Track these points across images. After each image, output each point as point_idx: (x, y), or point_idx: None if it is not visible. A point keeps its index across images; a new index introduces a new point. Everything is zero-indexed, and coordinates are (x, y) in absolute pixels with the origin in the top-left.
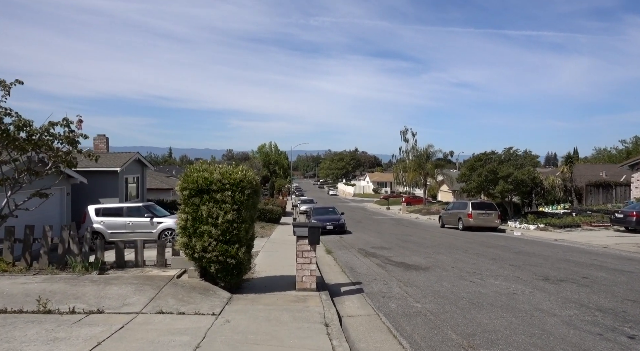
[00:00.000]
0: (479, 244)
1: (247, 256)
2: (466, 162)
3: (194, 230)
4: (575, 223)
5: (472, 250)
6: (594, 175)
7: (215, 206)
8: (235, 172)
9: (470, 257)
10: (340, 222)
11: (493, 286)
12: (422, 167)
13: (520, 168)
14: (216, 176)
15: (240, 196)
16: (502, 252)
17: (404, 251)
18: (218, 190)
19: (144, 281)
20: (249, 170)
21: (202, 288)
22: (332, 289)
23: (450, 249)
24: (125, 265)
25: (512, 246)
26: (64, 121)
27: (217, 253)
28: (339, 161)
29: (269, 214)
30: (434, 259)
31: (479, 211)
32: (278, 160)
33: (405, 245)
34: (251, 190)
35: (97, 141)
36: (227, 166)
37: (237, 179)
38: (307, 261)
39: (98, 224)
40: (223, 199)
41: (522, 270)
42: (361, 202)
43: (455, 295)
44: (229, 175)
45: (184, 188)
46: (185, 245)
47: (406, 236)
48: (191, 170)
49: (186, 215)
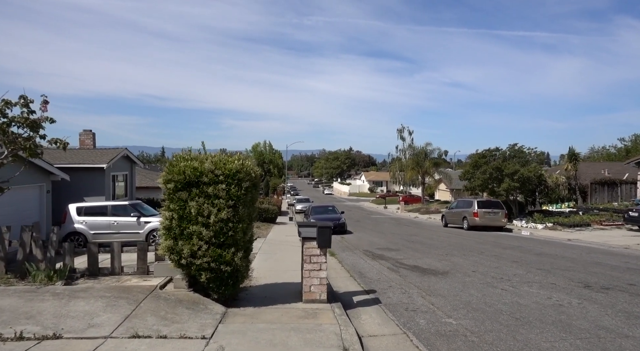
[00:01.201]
0: (491, 245)
1: (245, 262)
2: (471, 157)
3: (181, 231)
4: (584, 222)
5: (487, 251)
6: (596, 173)
7: (206, 202)
8: (231, 161)
9: (489, 259)
10: (341, 221)
11: (531, 296)
12: (420, 165)
13: (525, 165)
14: (208, 166)
15: (236, 190)
16: (520, 253)
17: (413, 253)
18: (210, 183)
19: (119, 294)
20: (248, 159)
21: (190, 302)
22: (343, 300)
23: (463, 251)
24: (99, 273)
25: (527, 246)
26: (22, 99)
27: (209, 258)
28: (334, 160)
29: (265, 213)
30: (450, 263)
31: (485, 210)
32: (272, 159)
33: (413, 246)
34: (250, 183)
35: (82, 136)
36: (221, 155)
37: (233, 169)
38: (315, 268)
39: (80, 225)
40: (216, 193)
41: (554, 275)
42: (357, 201)
43: (491, 308)
44: (223, 165)
45: (168, 180)
46: (170, 249)
47: (411, 236)
48: (177, 159)
49: (171, 213)
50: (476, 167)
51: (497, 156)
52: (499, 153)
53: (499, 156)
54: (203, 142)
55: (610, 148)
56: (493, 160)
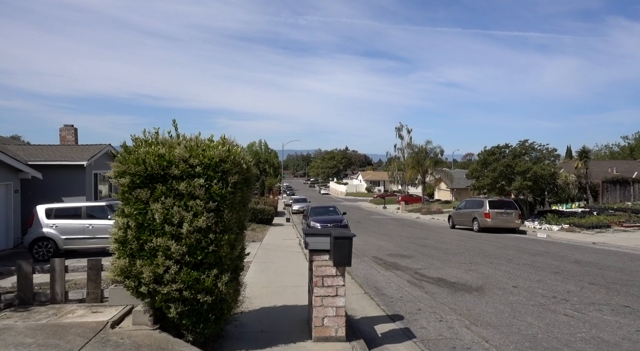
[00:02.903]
0: (515, 250)
1: (234, 287)
2: (480, 155)
3: (140, 246)
4: (603, 223)
5: (515, 259)
6: (603, 172)
7: (177, 203)
8: (213, 146)
9: (523, 270)
10: (343, 223)
11: (611, 327)
12: (421, 164)
13: (537, 163)
14: (179, 153)
15: (220, 187)
16: (555, 261)
17: (431, 261)
18: (182, 176)
19: (46, 339)
20: (237, 146)
21: (153, 347)
22: (364, 332)
23: (487, 258)
24: (33, 300)
25: (556, 252)
26: None
27: (181, 284)
28: (330, 159)
29: (261, 214)
30: (480, 274)
31: (498, 211)
32: (268, 158)
33: (427, 251)
34: (239, 177)
35: (63, 131)
36: (199, 138)
37: (216, 158)
38: (330, 293)
39: (49, 229)
40: (191, 191)
41: (617, 293)
42: (355, 201)
43: (570, 348)
44: (202, 151)
45: (121, 173)
46: (125, 272)
47: (420, 239)
48: (137, 143)
49: (126, 220)
50: (485, 165)
51: (506, 153)
52: (509, 150)
53: (509, 153)
54: (175, 120)
55: (613, 146)
56: (502, 157)
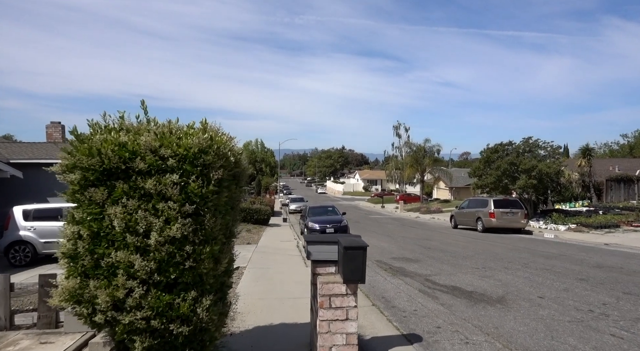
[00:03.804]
0: (528, 253)
1: (218, 311)
2: (483, 152)
3: (95, 261)
4: (611, 222)
5: (531, 263)
6: (604, 170)
7: (143, 206)
8: (192, 134)
9: (543, 276)
10: (343, 224)
11: None
12: (420, 162)
13: (541, 161)
14: (146, 141)
15: (200, 185)
16: (575, 266)
17: (441, 266)
18: (150, 171)
19: None
20: (223, 134)
21: None
22: None
23: (500, 262)
24: None
25: (572, 255)
26: None
27: (148, 311)
28: (327, 158)
29: (256, 214)
30: (497, 281)
31: (503, 210)
32: (264, 158)
33: (434, 254)
34: (226, 172)
35: (50, 129)
36: (173, 123)
37: (195, 147)
38: (339, 316)
39: (26, 232)
40: (162, 191)
41: None
42: (352, 200)
43: None
44: (177, 139)
45: (70, 167)
46: (75, 296)
47: (423, 240)
48: (95, 129)
49: (76, 228)
50: (488, 163)
51: (509, 150)
52: (512, 148)
53: (512, 150)
54: (143, 101)
55: (613, 144)
56: (505, 155)
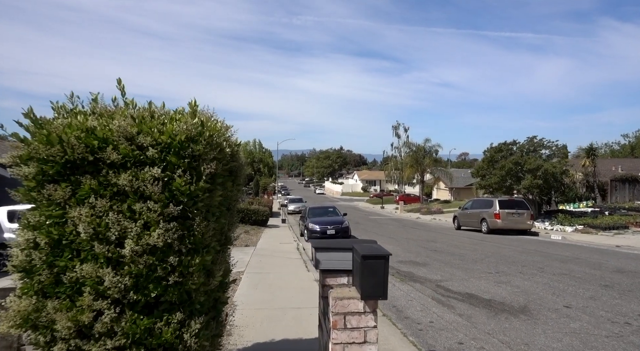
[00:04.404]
0: (539, 256)
1: (211, 333)
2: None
3: (55, 276)
4: (619, 223)
5: (547, 268)
6: (607, 170)
7: (115, 207)
8: (179, 119)
9: (562, 281)
10: (344, 226)
11: None
12: (420, 163)
13: (547, 160)
14: (120, 126)
15: (188, 180)
16: (594, 270)
17: (451, 270)
18: (125, 164)
19: None
20: (217, 121)
21: None
22: None
23: (513, 266)
24: None
25: (586, 258)
26: None
27: (122, 339)
28: (325, 159)
29: (255, 215)
30: (515, 288)
31: (509, 211)
32: (262, 158)
33: (441, 258)
34: (221, 166)
35: None
36: (155, 107)
37: (181, 134)
38: (356, 339)
39: (12, 234)
40: (139, 188)
41: None
42: (351, 201)
43: None
44: (160, 125)
45: (25, 159)
46: (30, 320)
47: (428, 242)
48: (59, 112)
49: (33, 234)
50: (492, 163)
51: (514, 150)
52: (517, 147)
53: (517, 150)
54: (120, 80)
55: (613, 144)
56: (510, 155)
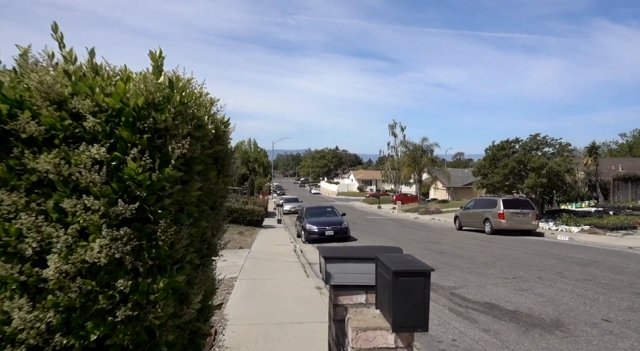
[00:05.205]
0: (554, 259)
1: None
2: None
3: None
4: (627, 224)
5: (566, 272)
6: (608, 169)
7: (33, 203)
8: (136, 79)
9: (589, 289)
10: (343, 226)
11: None
12: (417, 162)
13: (551, 158)
14: (41, 83)
15: (146, 168)
16: (619, 275)
17: (463, 275)
18: (51, 139)
19: None
20: (193, 85)
21: None
22: None
23: (529, 270)
24: None
25: (603, 260)
26: None
27: None
28: (320, 159)
29: (249, 215)
30: (539, 296)
31: (513, 211)
32: (258, 157)
33: (449, 261)
34: (198, 148)
35: None
36: (98, 63)
37: (138, 98)
38: None
39: None
40: (70, 175)
41: None
42: (347, 201)
43: None
44: (106, 84)
45: None
46: None
47: (431, 243)
48: None
49: None
50: (493, 162)
51: (516, 148)
52: (519, 145)
53: (519, 148)
54: (55, 24)
55: (611, 144)
56: (512, 153)
